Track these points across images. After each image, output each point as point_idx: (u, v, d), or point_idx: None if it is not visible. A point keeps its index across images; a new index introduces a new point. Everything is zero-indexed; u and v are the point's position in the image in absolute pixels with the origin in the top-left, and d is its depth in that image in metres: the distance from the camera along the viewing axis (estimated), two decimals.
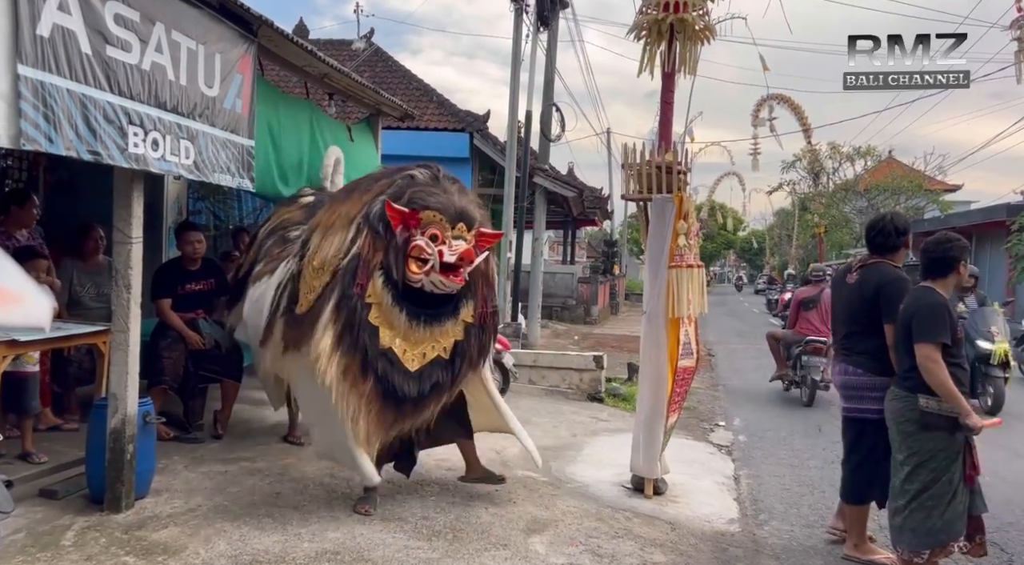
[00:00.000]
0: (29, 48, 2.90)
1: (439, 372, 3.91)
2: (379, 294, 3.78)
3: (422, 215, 3.81)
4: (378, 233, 3.82)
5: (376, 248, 3.81)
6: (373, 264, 3.79)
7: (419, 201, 3.83)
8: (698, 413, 7.83)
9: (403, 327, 3.80)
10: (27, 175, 6.61)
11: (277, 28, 4.69)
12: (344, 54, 14.83)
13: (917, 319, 3.40)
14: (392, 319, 3.79)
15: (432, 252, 3.74)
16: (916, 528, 3.40)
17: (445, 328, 3.92)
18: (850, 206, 35.51)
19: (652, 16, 4.66)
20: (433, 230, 3.80)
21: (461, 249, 3.78)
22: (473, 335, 4.02)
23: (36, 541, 3.41)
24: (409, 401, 3.85)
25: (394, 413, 3.84)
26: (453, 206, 3.86)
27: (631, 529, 4.12)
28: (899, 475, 3.49)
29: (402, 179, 3.98)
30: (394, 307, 3.79)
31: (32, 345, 4.14)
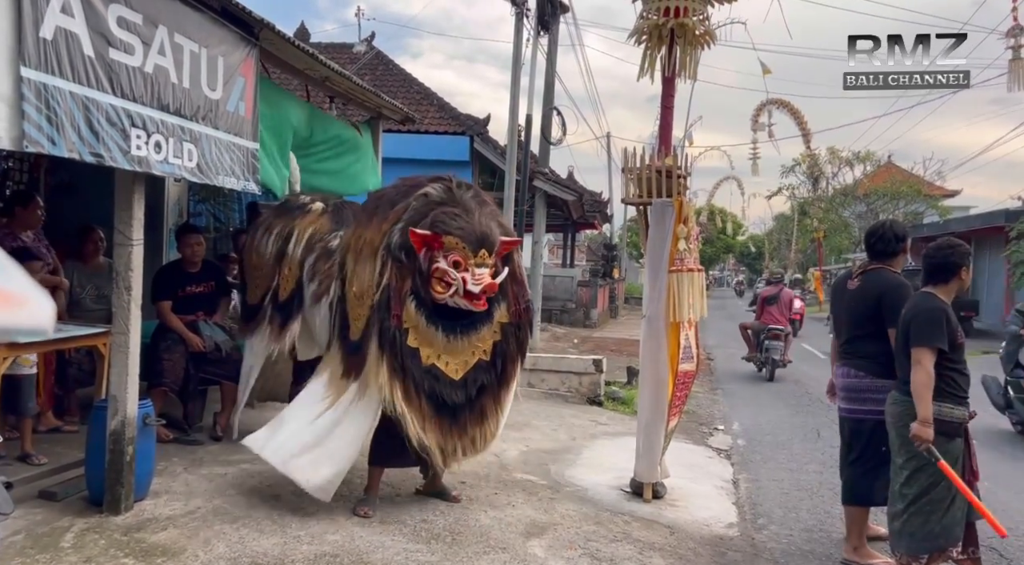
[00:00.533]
0: (32, 50, 2.91)
1: (483, 375, 4.02)
2: (414, 318, 3.89)
3: (444, 239, 3.87)
4: (401, 262, 3.91)
5: (403, 276, 3.91)
6: (404, 293, 3.90)
7: (441, 226, 3.89)
8: (697, 417, 7.84)
9: (442, 343, 3.92)
10: (28, 177, 6.62)
11: (278, 31, 4.71)
12: (345, 57, 14.86)
13: (915, 324, 3.42)
14: (430, 338, 3.90)
15: (456, 278, 3.82)
16: (915, 532, 3.40)
17: (482, 334, 4.01)
18: (849, 211, 35.58)
19: (653, 21, 4.68)
20: (455, 257, 3.85)
21: (485, 281, 3.84)
22: (510, 334, 4.12)
23: (35, 543, 3.41)
24: (460, 407, 3.96)
25: (451, 422, 3.95)
26: (474, 232, 3.90)
27: (630, 533, 4.12)
28: (898, 479, 3.50)
29: (416, 200, 4.03)
30: (429, 327, 3.90)
31: (32, 347, 4.15)
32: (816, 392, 9.69)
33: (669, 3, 4.62)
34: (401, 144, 11.01)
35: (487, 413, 4.06)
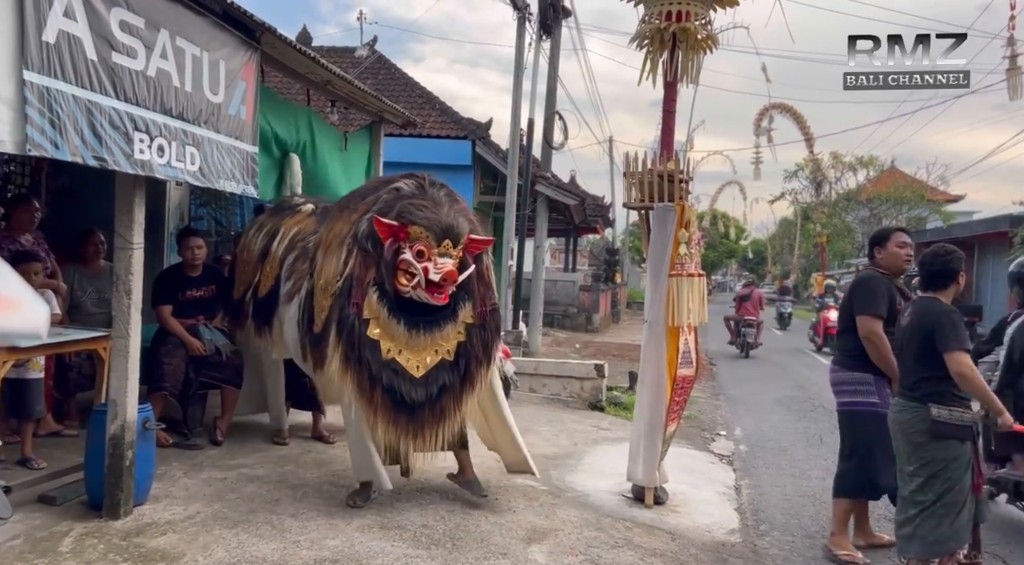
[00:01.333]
0: (35, 54, 2.91)
1: (445, 374, 3.97)
2: (375, 309, 3.88)
3: (410, 229, 3.88)
4: (367, 251, 3.92)
5: (367, 265, 3.91)
6: (366, 282, 3.90)
7: (407, 215, 3.90)
8: (699, 423, 7.82)
9: (404, 337, 3.89)
10: (29, 180, 6.62)
11: (280, 35, 4.71)
12: (347, 61, 14.87)
13: (940, 331, 3.40)
14: (392, 331, 3.88)
15: (418, 268, 3.82)
16: (926, 536, 3.41)
17: (446, 332, 3.98)
18: (852, 216, 35.56)
19: (655, 25, 4.67)
20: (419, 246, 3.87)
21: (445, 269, 3.83)
22: (475, 335, 4.08)
23: (34, 547, 3.40)
24: (420, 406, 3.92)
25: (408, 419, 3.91)
26: (439, 222, 3.91)
27: (631, 539, 4.10)
28: (909, 486, 3.49)
29: (387, 193, 4.06)
30: (391, 319, 3.88)
31: (32, 351, 4.14)
32: (818, 398, 9.68)
33: (671, 7, 4.62)
34: (403, 148, 11.00)
35: (447, 414, 4.01)
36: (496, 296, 4.34)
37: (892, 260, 4.27)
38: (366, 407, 3.87)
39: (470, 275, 4.06)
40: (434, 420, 3.97)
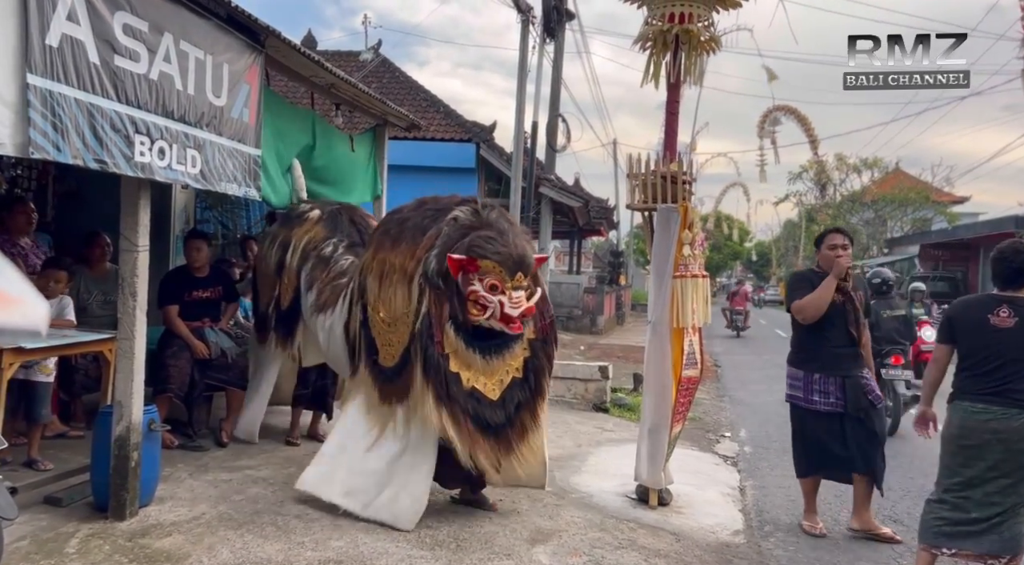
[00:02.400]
0: (38, 57, 2.92)
1: (518, 392, 4.03)
2: (453, 343, 3.90)
3: (480, 263, 3.88)
4: (439, 288, 3.93)
5: (441, 302, 3.92)
6: (443, 319, 3.91)
7: (477, 250, 3.90)
8: (704, 424, 7.80)
9: (480, 365, 3.94)
10: (35, 184, 6.67)
11: (284, 38, 4.72)
12: (352, 65, 14.92)
13: None
14: (469, 361, 3.92)
15: (492, 302, 3.83)
16: (1004, 532, 3.42)
17: (515, 352, 4.02)
18: (857, 217, 35.50)
19: (657, 27, 4.68)
20: (492, 280, 3.86)
21: (523, 305, 3.88)
22: (539, 349, 4.13)
23: (40, 548, 3.41)
24: (501, 426, 3.96)
25: (495, 441, 3.95)
26: (511, 257, 3.91)
27: (635, 540, 4.10)
28: (984, 488, 3.44)
29: (447, 226, 4.06)
30: (468, 350, 3.91)
31: (38, 352, 4.16)
32: None
33: (674, 9, 4.62)
34: (407, 151, 11.04)
35: (527, 427, 4.06)
36: (551, 307, 4.37)
37: (824, 261, 4.58)
38: (464, 440, 3.86)
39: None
40: (517, 437, 4.02)
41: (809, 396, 4.46)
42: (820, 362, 4.44)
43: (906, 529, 4.64)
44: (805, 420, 4.54)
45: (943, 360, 3.74)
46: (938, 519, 3.58)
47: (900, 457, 6.42)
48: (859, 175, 36.74)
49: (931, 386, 3.81)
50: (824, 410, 4.41)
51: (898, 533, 4.50)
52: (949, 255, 25.46)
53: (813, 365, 4.47)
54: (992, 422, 3.42)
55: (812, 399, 4.45)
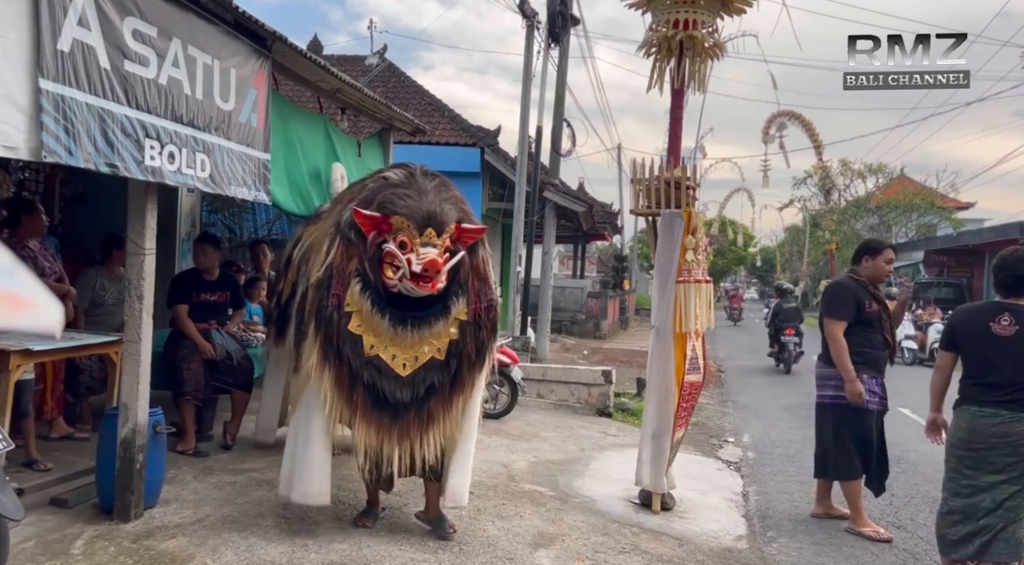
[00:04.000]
0: (50, 63, 2.96)
1: (434, 374, 3.71)
2: (358, 302, 3.63)
3: (392, 220, 3.65)
4: (350, 240, 3.69)
5: (350, 255, 3.68)
6: (348, 272, 3.66)
7: (388, 206, 3.67)
8: (707, 429, 7.80)
9: (388, 332, 3.63)
10: (43, 187, 6.71)
11: (291, 43, 4.76)
12: (357, 70, 14.98)
13: None
14: (375, 325, 3.63)
15: (402, 260, 3.59)
16: (1010, 538, 3.45)
17: (436, 329, 3.69)
18: (862, 223, 35.42)
19: (662, 33, 4.70)
20: (402, 236, 3.63)
21: (428, 258, 3.56)
22: (469, 333, 3.79)
23: (46, 549, 3.44)
24: (405, 407, 3.67)
25: (391, 420, 3.67)
26: (420, 210, 3.65)
27: (638, 544, 4.11)
28: (992, 494, 3.46)
29: (374, 182, 3.89)
30: (375, 313, 3.62)
31: (46, 354, 4.19)
32: None
33: (678, 15, 4.65)
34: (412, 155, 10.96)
35: (434, 418, 3.73)
36: (494, 292, 3.99)
37: (876, 272, 4.75)
38: (346, 406, 3.63)
39: (465, 269, 3.79)
40: (419, 423, 3.71)
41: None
42: (867, 363, 4.60)
43: (909, 535, 4.65)
44: (856, 420, 4.59)
45: (947, 367, 3.79)
46: (952, 531, 3.59)
47: (903, 463, 6.42)
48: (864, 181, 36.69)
49: (937, 393, 3.87)
50: (873, 409, 4.60)
51: (902, 540, 4.51)
52: (954, 261, 25.40)
53: (861, 366, 4.56)
54: (1000, 425, 3.45)
55: (863, 398, 4.53)
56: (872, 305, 4.66)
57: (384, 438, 3.69)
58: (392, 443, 3.71)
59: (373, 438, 3.69)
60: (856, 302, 4.61)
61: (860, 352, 4.60)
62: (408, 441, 3.72)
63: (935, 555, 3.96)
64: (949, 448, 3.67)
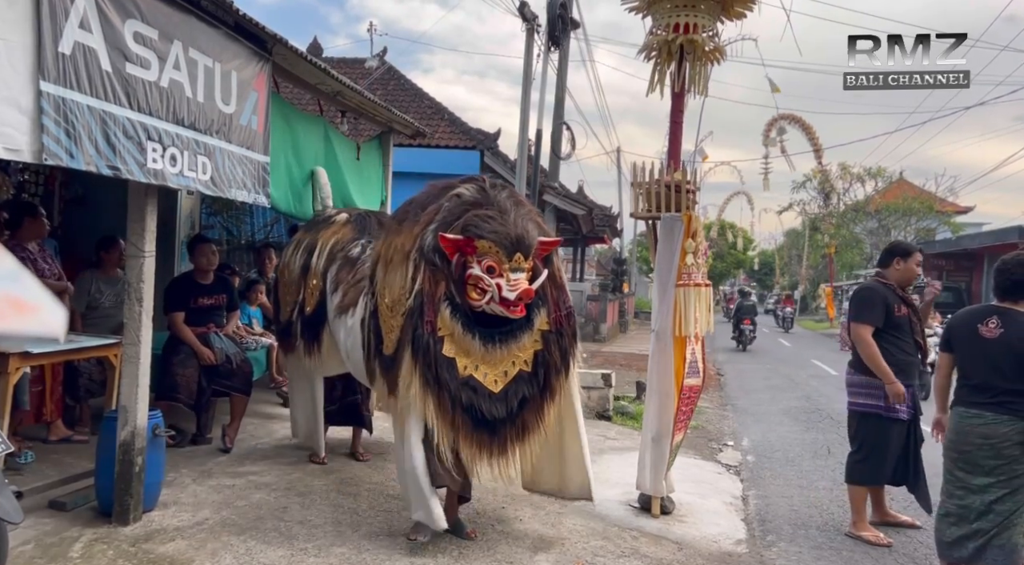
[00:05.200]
0: (51, 65, 2.96)
1: (524, 387, 3.72)
2: (449, 325, 3.63)
3: (477, 243, 3.62)
4: (435, 265, 3.66)
5: (436, 280, 3.66)
6: (438, 297, 3.64)
7: (473, 229, 3.63)
8: (707, 433, 7.80)
9: (479, 352, 3.65)
10: (43, 189, 6.71)
11: (291, 46, 4.77)
12: (357, 72, 14.98)
13: None
14: (467, 346, 3.64)
15: (490, 285, 3.57)
16: (1004, 545, 3.45)
17: (522, 342, 3.72)
18: (861, 227, 35.47)
19: (662, 37, 4.71)
20: (489, 262, 3.60)
21: (520, 287, 3.57)
22: (552, 342, 3.81)
23: (44, 552, 3.43)
24: (501, 422, 3.68)
25: (490, 437, 3.67)
26: (508, 235, 3.62)
27: (638, 548, 4.10)
28: (982, 497, 3.49)
29: (448, 201, 3.80)
30: (466, 334, 3.64)
31: (44, 357, 4.18)
32: (826, 408, 9.64)
33: (679, 19, 4.65)
34: (412, 158, 11.07)
35: (530, 428, 3.76)
36: (571, 299, 4.03)
37: (908, 274, 4.71)
38: (448, 429, 3.61)
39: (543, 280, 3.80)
40: (517, 436, 3.73)
41: (891, 404, 4.50)
42: (898, 369, 4.53)
43: (908, 539, 4.65)
44: (886, 429, 4.55)
45: (944, 368, 3.88)
46: (946, 534, 3.63)
47: None
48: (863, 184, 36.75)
49: (939, 392, 4.00)
50: (903, 418, 4.56)
51: (902, 544, 4.52)
52: (953, 265, 25.44)
53: (892, 373, 4.51)
54: (984, 427, 3.50)
55: (894, 407, 4.50)
56: (901, 308, 4.61)
57: (486, 454, 3.70)
58: (493, 459, 3.72)
59: (476, 456, 3.70)
60: (885, 306, 4.55)
61: (893, 360, 4.52)
62: (507, 455, 3.75)
63: (935, 560, 3.96)
64: (944, 450, 3.72)
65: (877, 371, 4.49)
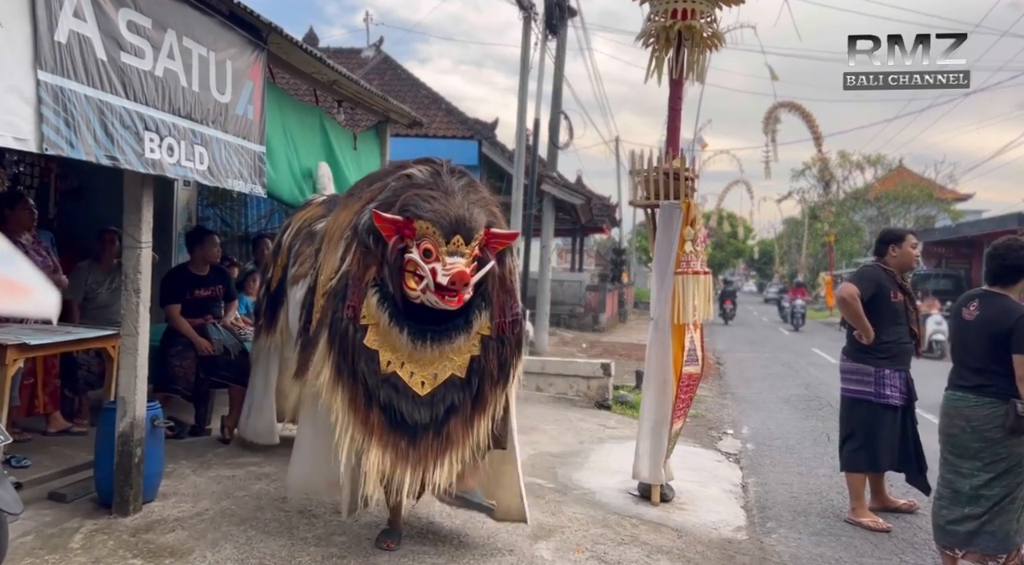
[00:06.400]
0: (48, 54, 2.94)
1: (454, 393, 3.37)
2: (375, 314, 3.29)
3: (416, 224, 3.29)
4: (368, 247, 3.35)
5: (367, 263, 3.34)
6: (365, 282, 3.32)
7: (412, 208, 3.31)
8: (706, 421, 7.81)
9: (407, 348, 3.31)
10: (38, 181, 6.68)
11: (286, 35, 4.73)
12: (354, 62, 14.93)
13: (1019, 333, 3.39)
14: (393, 340, 3.30)
15: (426, 270, 3.23)
16: (996, 532, 3.45)
17: (457, 344, 3.37)
18: (860, 215, 35.45)
19: (660, 23, 4.68)
20: (427, 244, 3.26)
21: (455, 270, 3.19)
22: (491, 349, 3.45)
23: (44, 543, 3.43)
24: (423, 428, 3.34)
25: (408, 443, 3.33)
26: (448, 216, 3.28)
27: (637, 536, 4.11)
28: (970, 481, 3.50)
29: (396, 180, 3.50)
30: (393, 327, 3.29)
31: (42, 349, 4.17)
32: (826, 396, 9.65)
33: (676, 5, 4.63)
34: (409, 148, 11.00)
35: (453, 440, 3.38)
36: (520, 306, 3.61)
37: (905, 259, 4.73)
38: (360, 428, 3.28)
39: (490, 279, 3.44)
40: (439, 446, 3.36)
41: (881, 391, 4.57)
42: (890, 357, 4.59)
43: (907, 525, 4.66)
44: (877, 415, 4.60)
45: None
46: (939, 517, 3.65)
47: None
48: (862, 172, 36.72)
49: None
50: (894, 404, 4.59)
51: (901, 529, 4.54)
52: (952, 252, 25.45)
53: (884, 360, 4.59)
54: (966, 409, 3.53)
55: (884, 393, 4.57)
56: (898, 295, 4.66)
57: (400, 462, 3.33)
58: (407, 467, 3.35)
59: (387, 463, 3.32)
60: (877, 285, 4.61)
61: (884, 346, 4.59)
62: (422, 466, 3.36)
63: (933, 545, 3.97)
64: (938, 433, 3.75)
65: (859, 326, 4.58)
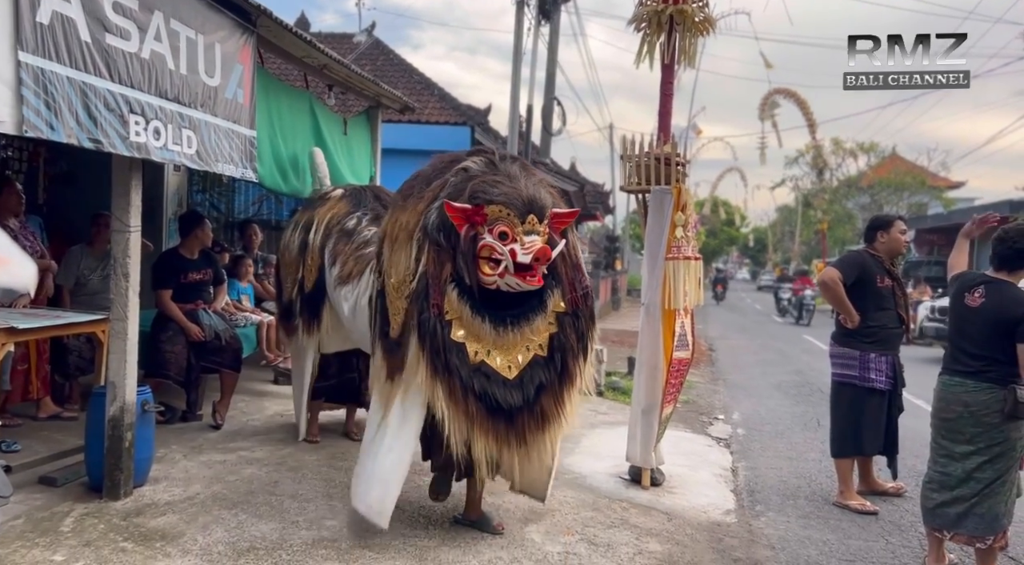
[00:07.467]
0: (29, 35, 2.91)
1: (540, 372, 3.45)
2: (456, 308, 3.37)
3: (487, 210, 3.33)
4: (440, 244, 3.40)
5: (442, 260, 3.40)
6: (443, 278, 3.38)
7: (481, 195, 3.35)
8: (697, 407, 7.85)
9: (491, 336, 3.38)
10: (27, 166, 6.63)
11: (276, 18, 4.70)
12: (345, 47, 14.81)
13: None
14: (477, 330, 3.38)
15: (504, 252, 3.28)
16: (985, 514, 3.48)
17: (536, 325, 3.45)
18: (853, 202, 35.54)
19: (652, 7, 4.67)
20: (502, 227, 3.31)
21: (535, 247, 3.27)
22: (568, 324, 3.53)
23: (35, 527, 3.43)
24: (518, 410, 3.41)
25: (507, 426, 3.41)
26: (520, 196, 3.35)
27: (627, 519, 4.14)
28: (963, 464, 3.53)
29: (455, 175, 3.53)
30: (475, 317, 3.37)
31: (31, 333, 4.15)
32: (816, 382, 9.71)
33: None
34: (401, 134, 11.00)
35: (548, 416, 3.47)
36: (587, 279, 3.72)
37: (894, 244, 4.79)
38: (462, 419, 3.35)
39: (556, 259, 3.47)
40: (536, 425, 3.45)
41: (866, 374, 4.62)
42: (876, 341, 4.64)
43: (895, 507, 4.72)
44: (863, 399, 4.65)
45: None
46: (929, 500, 3.69)
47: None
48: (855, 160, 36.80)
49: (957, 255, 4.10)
50: (879, 388, 4.63)
51: (888, 512, 4.59)
52: (944, 240, 25.53)
53: (869, 344, 4.63)
54: (964, 395, 3.55)
55: (869, 377, 4.62)
56: (885, 279, 4.70)
57: (503, 445, 3.43)
58: (512, 449, 3.46)
59: (493, 447, 3.42)
60: (862, 269, 4.67)
61: (870, 330, 4.63)
62: (526, 445, 3.47)
63: (920, 526, 4.01)
64: (931, 417, 3.77)
65: (842, 310, 4.66)
